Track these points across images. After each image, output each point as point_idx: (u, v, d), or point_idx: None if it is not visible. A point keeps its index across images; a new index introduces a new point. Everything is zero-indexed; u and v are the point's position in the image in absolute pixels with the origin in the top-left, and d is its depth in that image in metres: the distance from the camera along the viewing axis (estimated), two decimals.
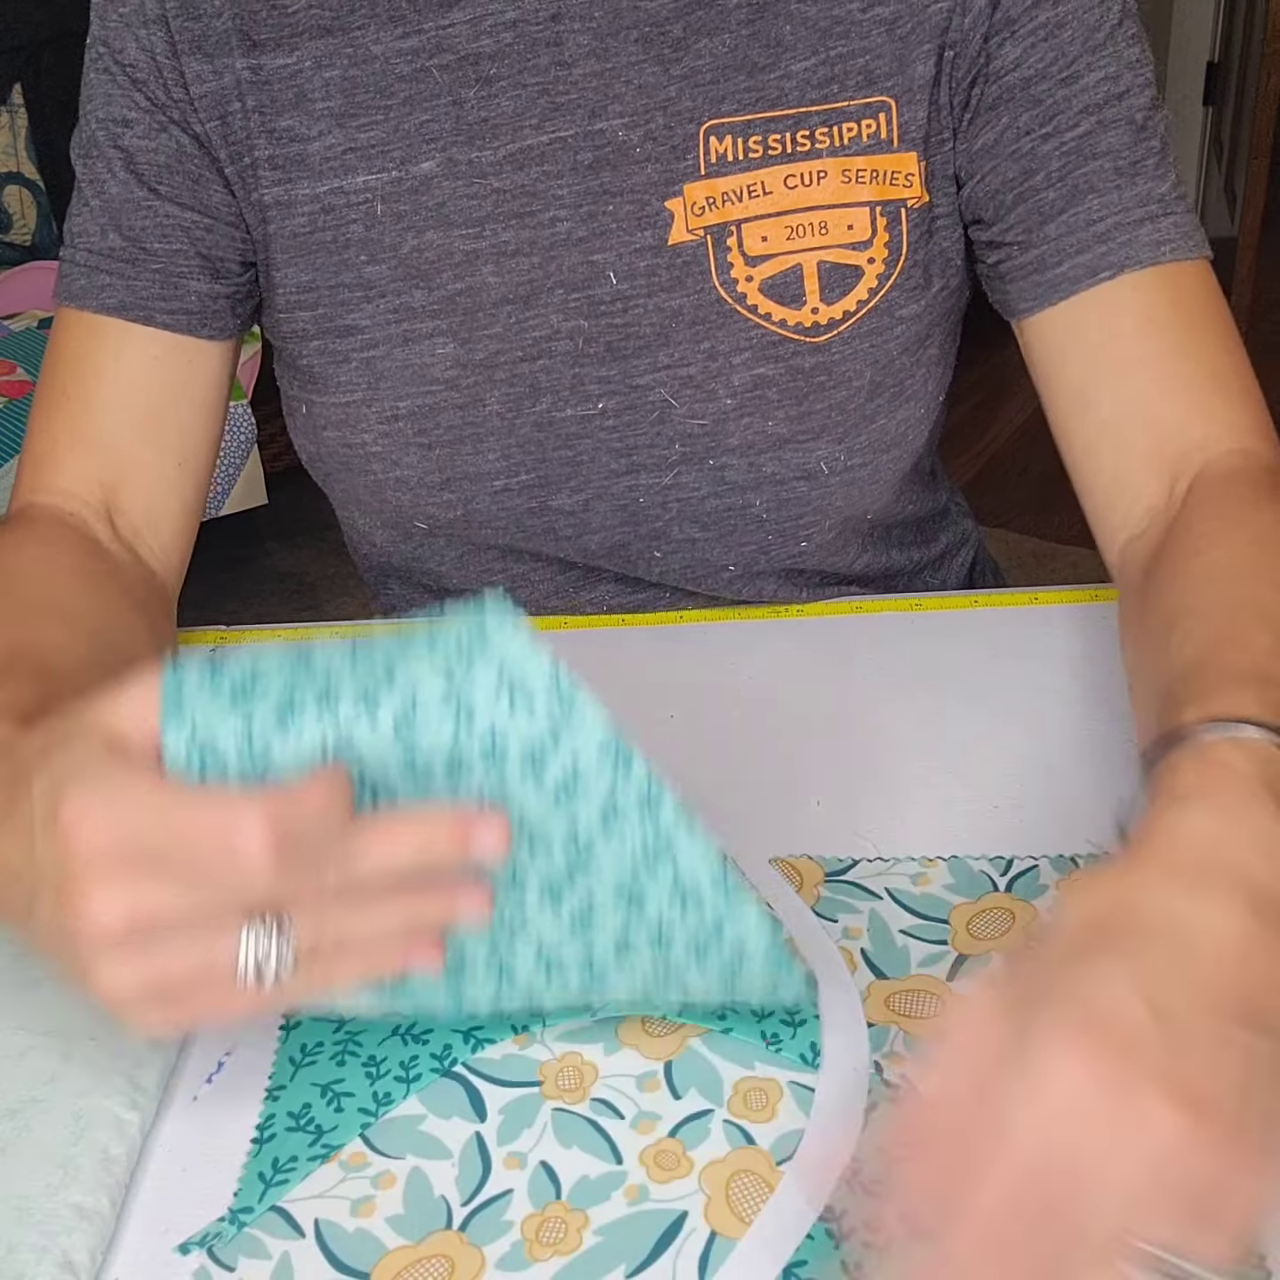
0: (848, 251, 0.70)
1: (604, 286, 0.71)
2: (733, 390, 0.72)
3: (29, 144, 2.17)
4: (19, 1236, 0.46)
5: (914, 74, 0.68)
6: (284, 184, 0.71)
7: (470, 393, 0.73)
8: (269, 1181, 0.49)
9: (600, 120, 0.69)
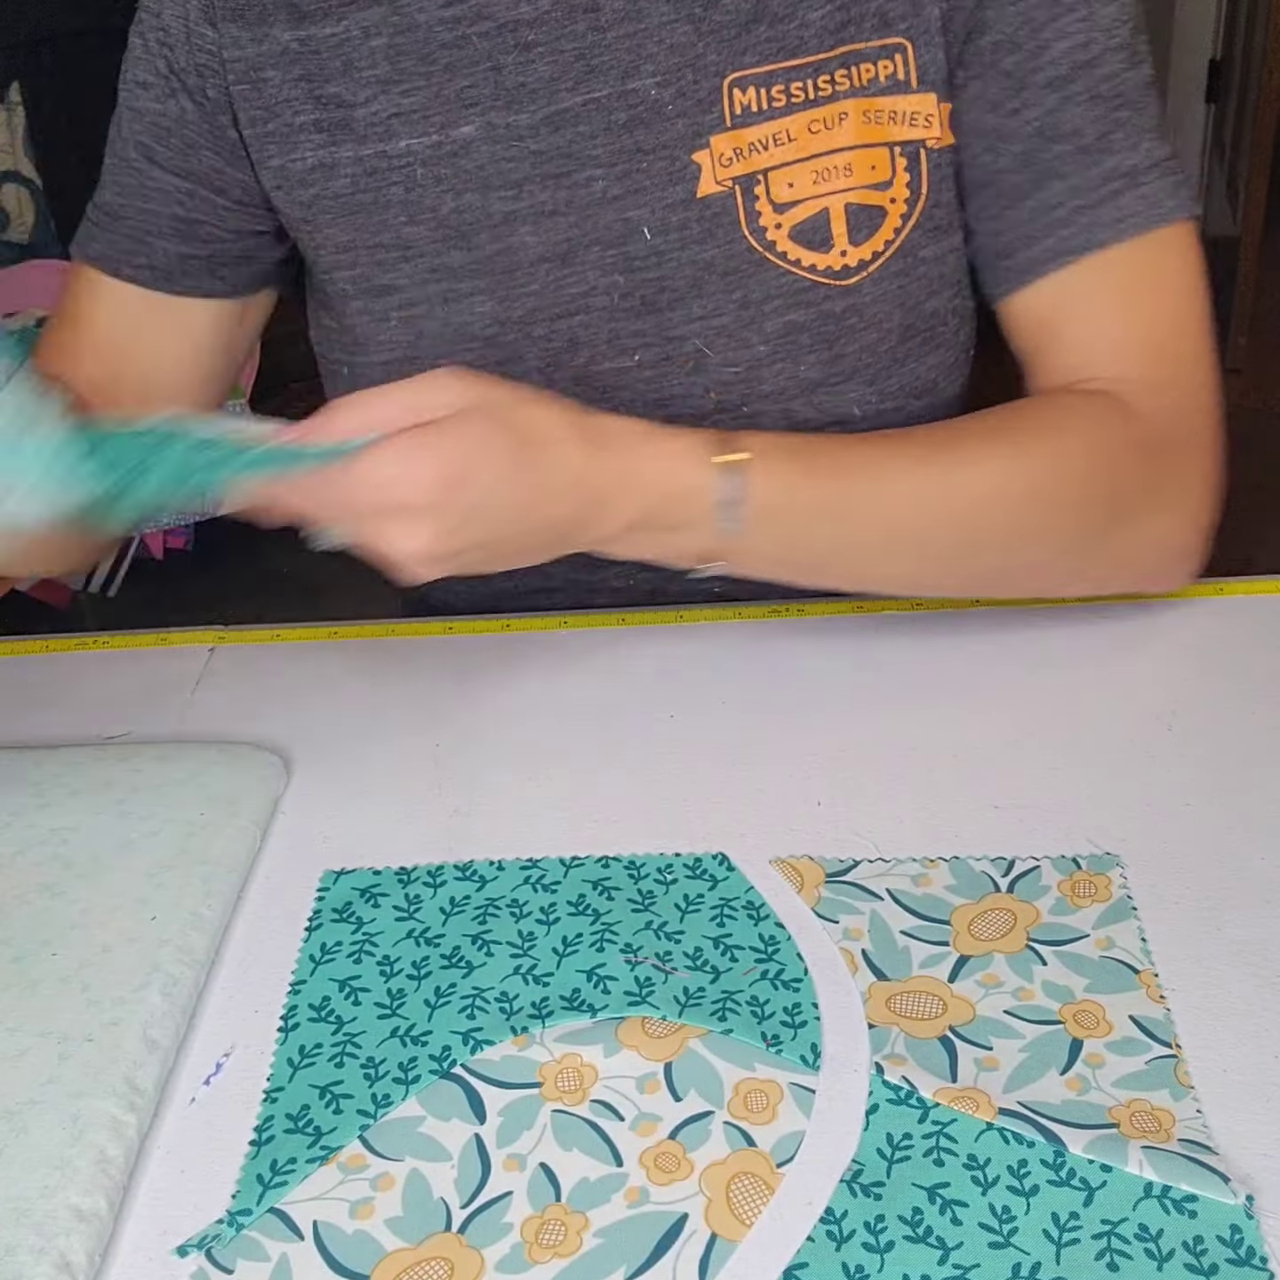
0: (872, 192, 0.72)
1: (638, 242, 0.73)
2: (765, 337, 0.73)
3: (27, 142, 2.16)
4: (17, 1238, 0.46)
5: (929, 16, 0.69)
6: (328, 147, 0.73)
7: (510, 349, 0.75)
8: (267, 1183, 0.49)
9: (634, 80, 0.71)
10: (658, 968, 0.56)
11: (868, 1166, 0.48)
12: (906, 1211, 0.46)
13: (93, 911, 0.59)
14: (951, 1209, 0.47)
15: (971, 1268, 0.45)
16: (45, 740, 0.72)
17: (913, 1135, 0.49)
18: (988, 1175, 0.48)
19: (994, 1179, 0.47)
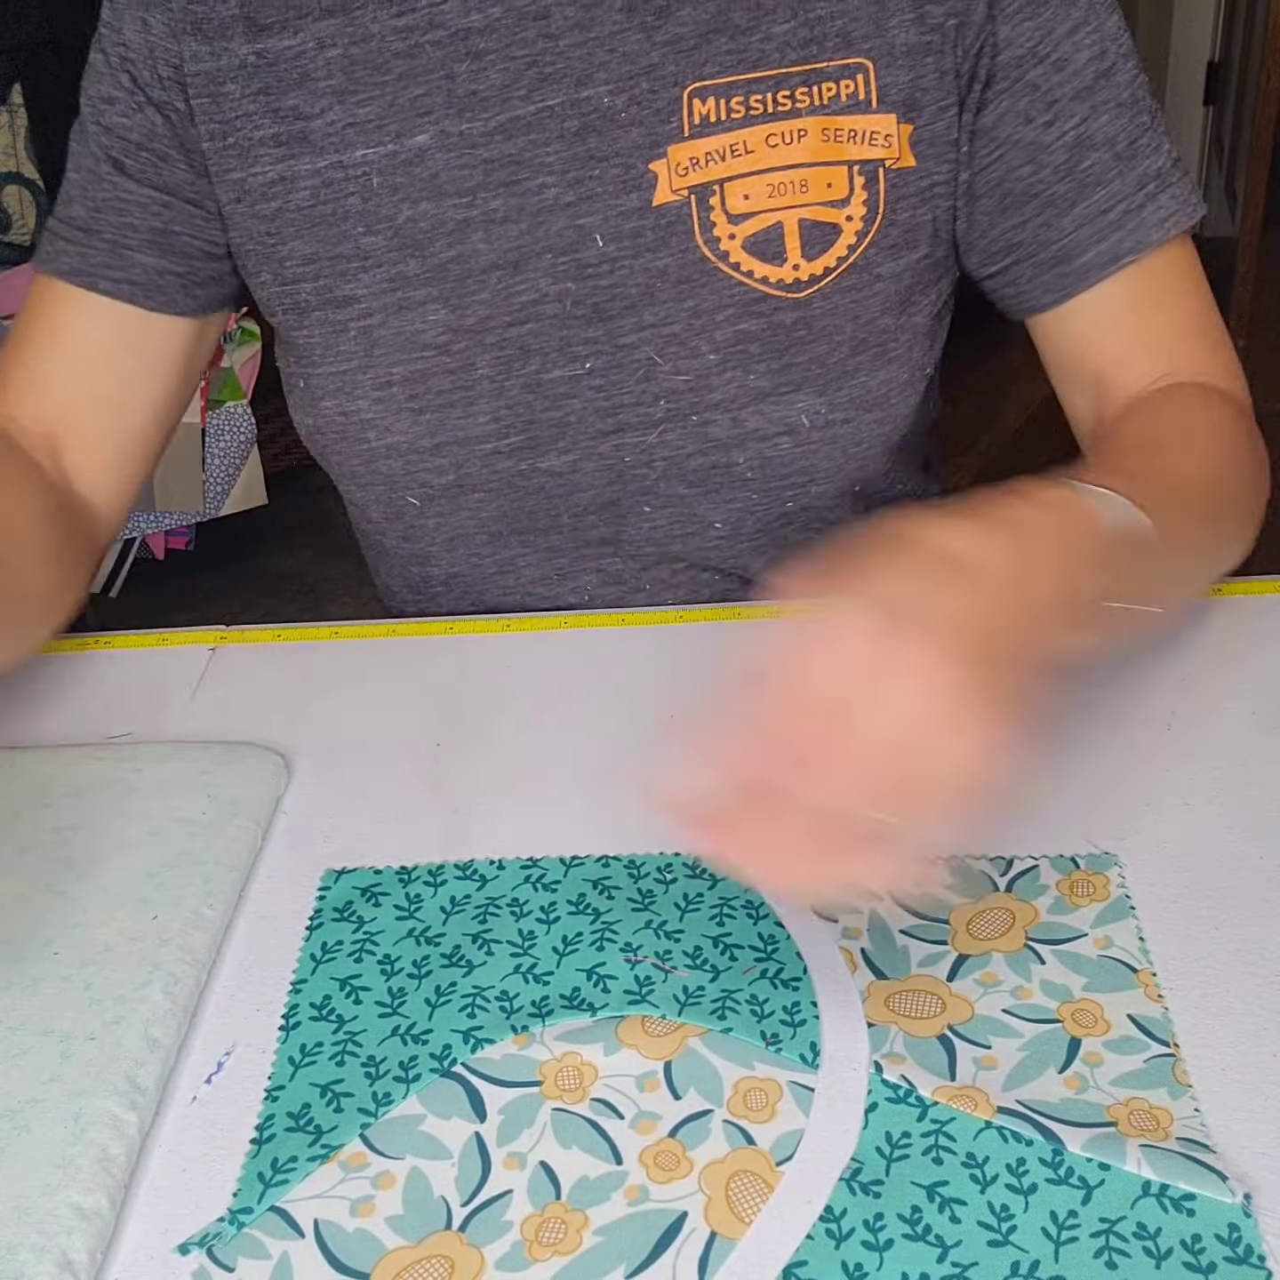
0: (827, 209, 0.72)
1: (590, 249, 0.73)
2: (715, 346, 0.74)
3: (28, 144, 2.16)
4: (18, 1236, 0.46)
5: (893, 38, 0.70)
6: (287, 160, 0.74)
7: (461, 357, 0.75)
8: (268, 1182, 0.49)
9: (586, 88, 0.71)
10: (658, 966, 0.56)
11: (867, 1165, 0.48)
12: (905, 1210, 0.47)
13: (94, 911, 0.59)
14: (950, 1207, 0.47)
15: (970, 1266, 0.45)
16: (47, 740, 0.72)
17: (911, 1134, 0.49)
18: (986, 1174, 0.48)
19: (993, 1177, 0.47)
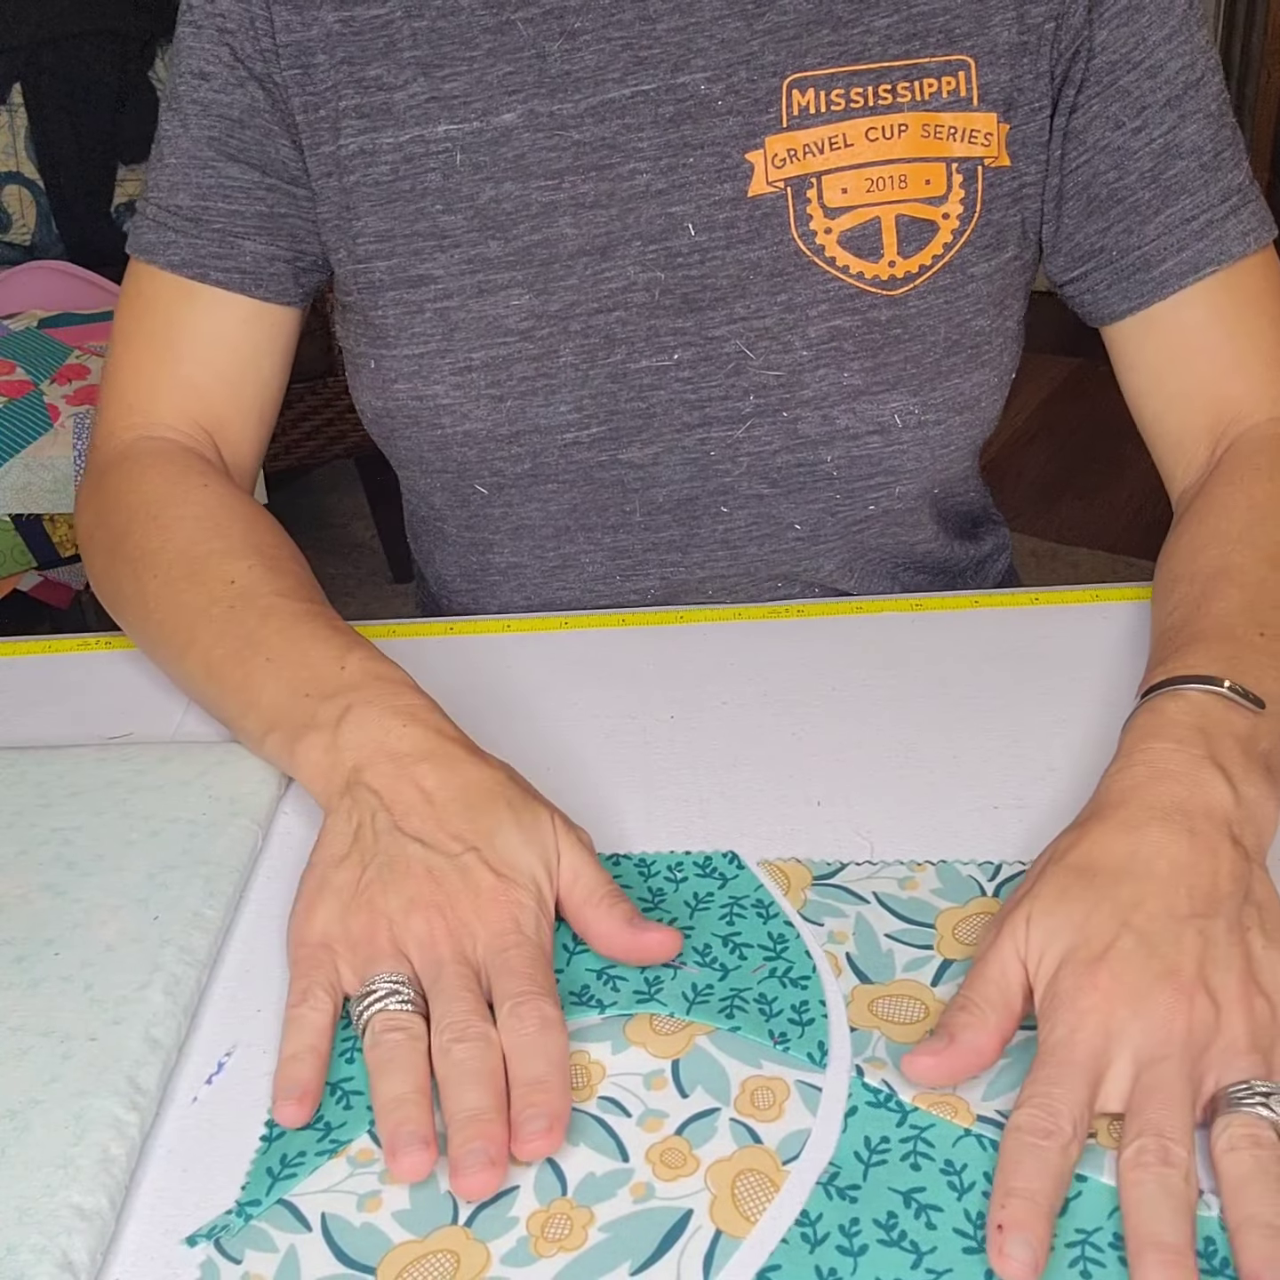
0: (924, 206, 0.72)
1: (682, 238, 0.72)
2: (808, 342, 0.73)
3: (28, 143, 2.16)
4: (19, 1237, 0.46)
5: (995, 37, 0.70)
6: (369, 132, 0.72)
7: (545, 344, 0.73)
8: (276, 1175, 0.49)
9: (683, 74, 0.70)
10: (666, 964, 0.56)
11: (844, 1169, 0.48)
12: (881, 1215, 0.46)
13: (95, 911, 0.59)
14: (926, 1213, 0.46)
15: (945, 1272, 0.44)
16: (47, 740, 0.72)
17: (890, 1139, 0.49)
18: (964, 1180, 0.47)
19: (970, 1184, 0.47)
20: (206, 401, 0.78)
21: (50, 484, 1.67)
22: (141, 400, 0.79)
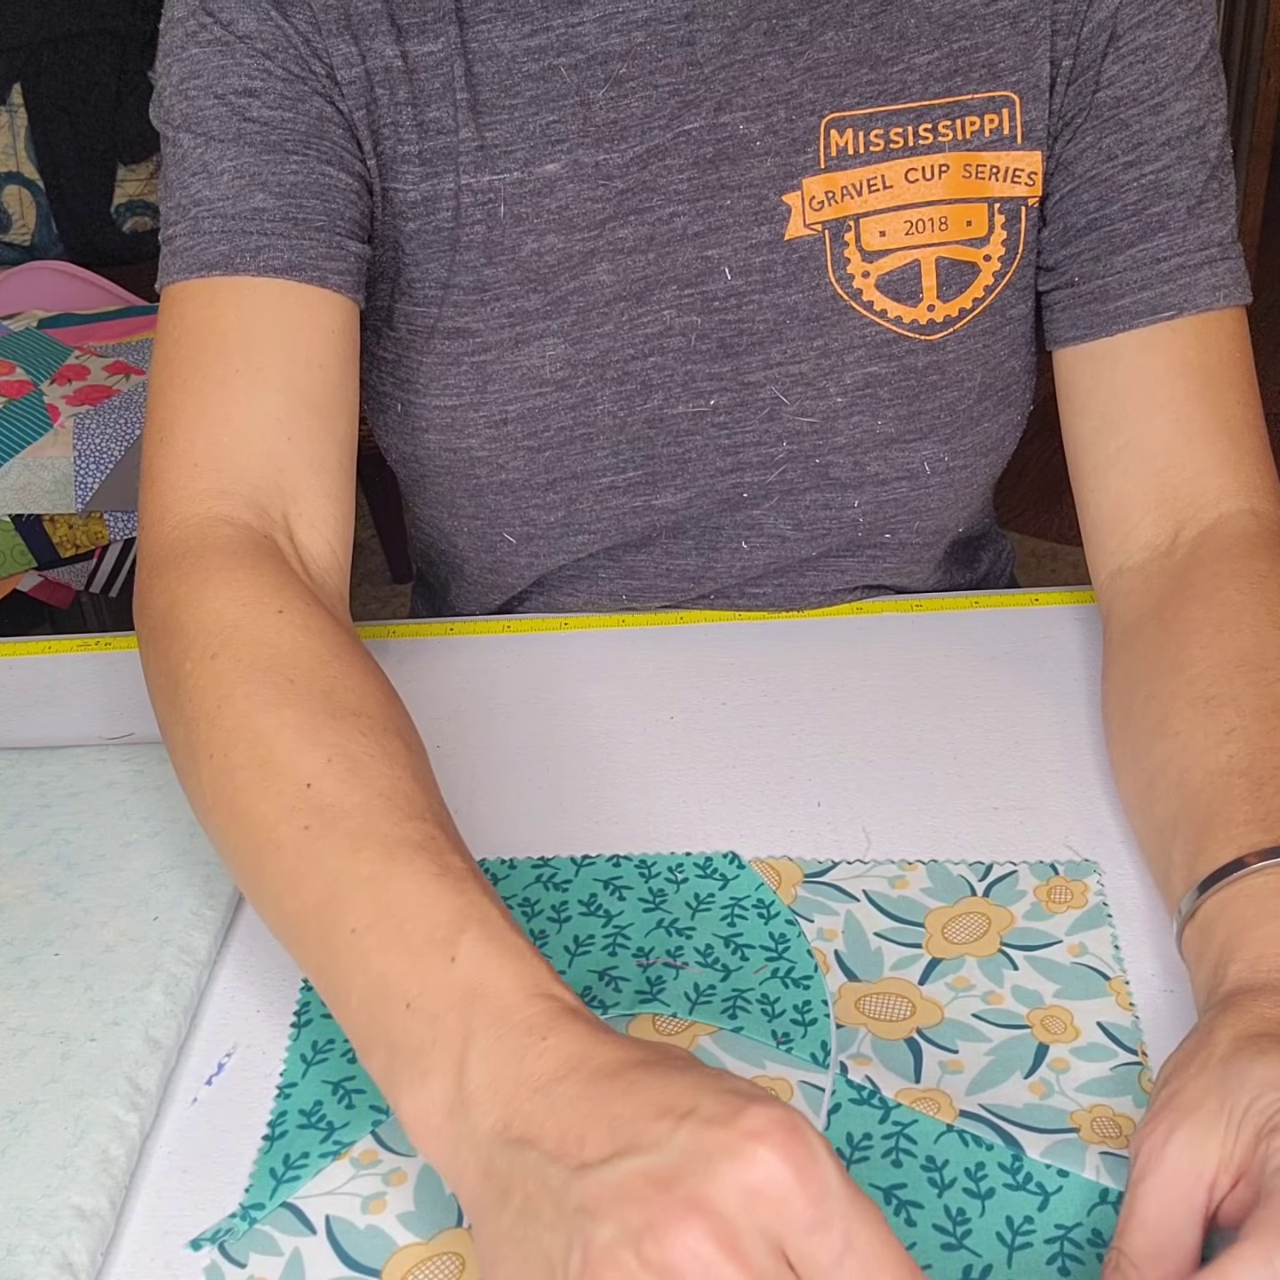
0: (965, 248, 0.69)
1: (719, 282, 0.70)
2: (844, 388, 0.71)
3: (28, 144, 2.16)
4: (19, 1237, 0.46)
5: (1039, 71, 0.67)
6: (430, 179, 0.68)
7: (581, 393, 0.71)
8: (280, 1178, 0.49)
9: (725, 113, 0.67)
10: (669, 964, 0.55)
11: None
12: None
13: (95, 911, 0.59)
14: (907, 1210, 0.46)
15: (923, 1269, 0.44)
16: (47, 740, 0.72)
17: (873, 1135, 0.49)
18: (945, 1177, 0.47)
19: (951, 1181, 0.47)
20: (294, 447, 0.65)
21: (50, 484, 1.67)
22: (211, 457, 0.64)
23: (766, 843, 0.62)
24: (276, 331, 0.65)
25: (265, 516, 0.64)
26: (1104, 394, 0.69)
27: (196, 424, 0.64)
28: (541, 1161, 0.40)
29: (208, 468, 0.64)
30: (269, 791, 0.51)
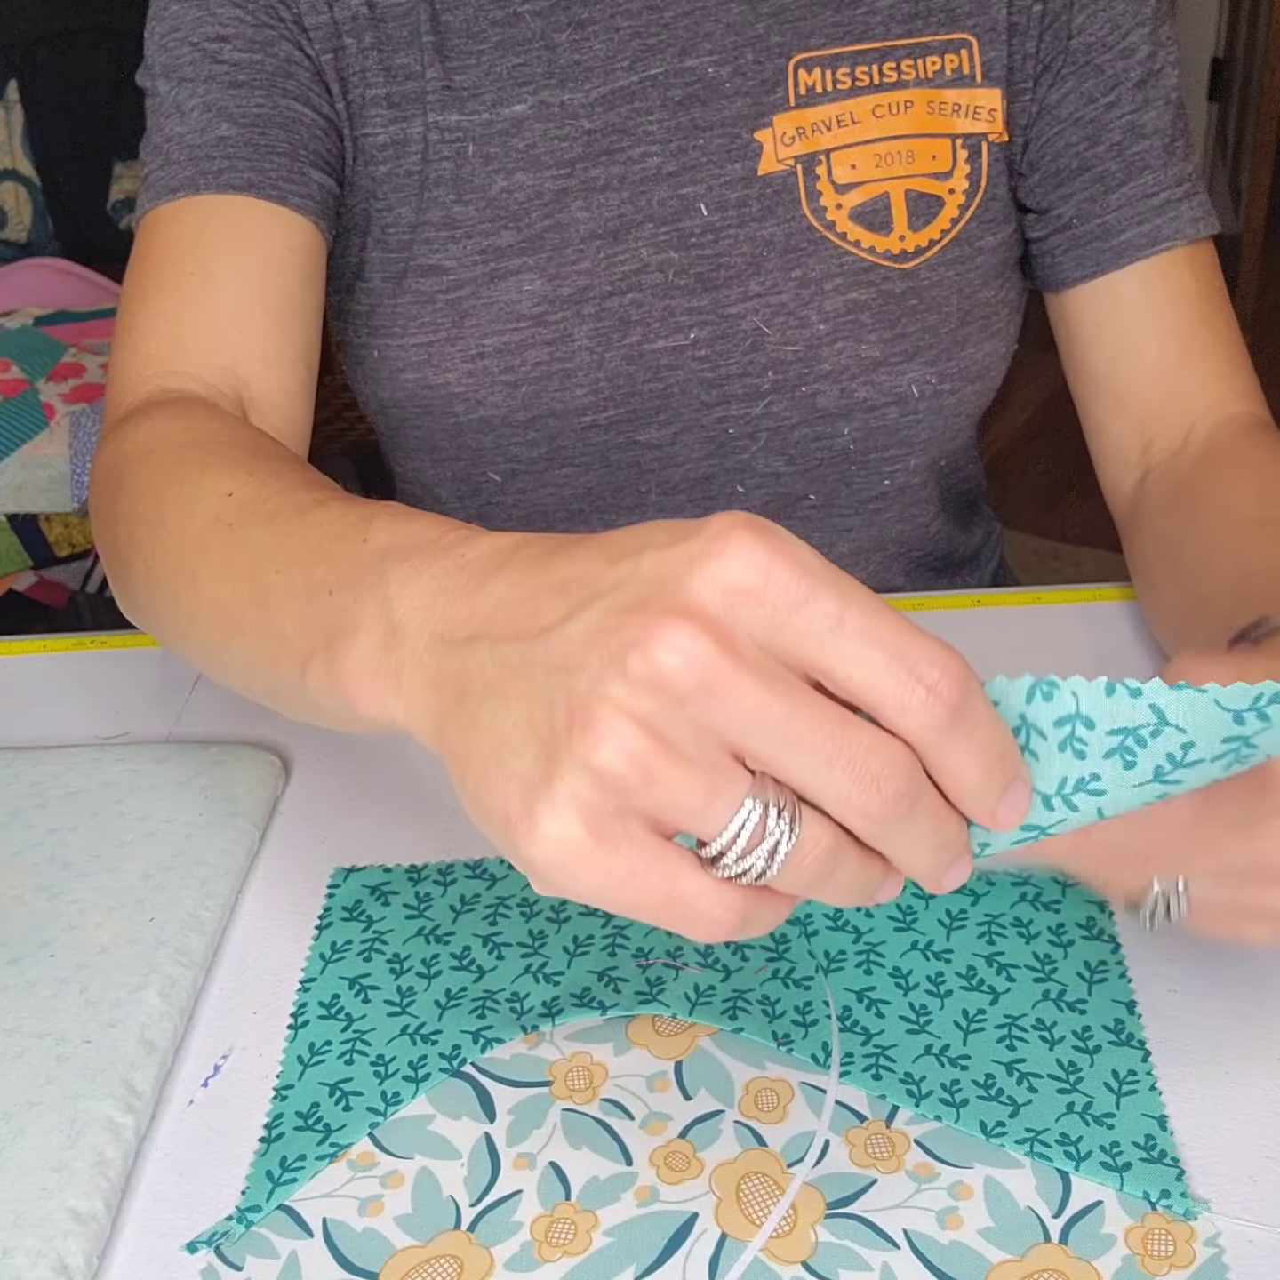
0: (931, 181, 0.73)
1: (694, 219, 0.72)
2: (825, 316, 0.73)
3: (24, 140, 2.16)
4: (14, 1240, 0.45)
5: (995, 15, 0.71)
6: (399, 122, 0.72)
7: (558, 328, 0.73)
8: (277, 1180, 0.48)
9: (690, 58, 0.71)
10: (669, 965, 0.55)
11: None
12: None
13: (90, 912, 0.58)
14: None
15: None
16: (43, 740, 0.71)
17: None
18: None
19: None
20: (244, 340, 0.67)
21: (46, 483, 1.67)
22: (163, 347, 0.67)
23: None
24: (232, 240, 0.68)
25: (216, 391, 0.66)
26: (1111, 328, 0.75)
27: (151, 323, 0.68)
28: (495, 647, 0.37)
29: (159, 356, 0.67)
30: (195, 513, 0.53)
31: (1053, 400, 0.76)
